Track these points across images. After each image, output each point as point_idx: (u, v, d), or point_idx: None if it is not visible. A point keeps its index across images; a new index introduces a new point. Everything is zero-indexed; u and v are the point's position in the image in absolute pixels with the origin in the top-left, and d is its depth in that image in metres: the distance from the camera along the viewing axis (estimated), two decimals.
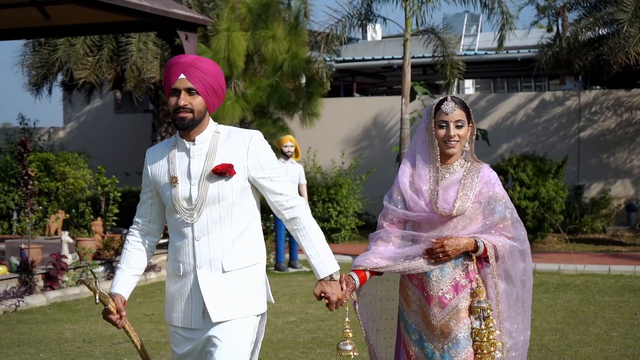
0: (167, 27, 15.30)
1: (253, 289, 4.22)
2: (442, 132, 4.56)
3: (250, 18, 17.03)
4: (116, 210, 14.84)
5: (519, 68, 24.50)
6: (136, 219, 4.42)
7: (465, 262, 4.56)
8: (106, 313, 4.21)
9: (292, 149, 14.38)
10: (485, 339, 4.48)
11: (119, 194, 14.93)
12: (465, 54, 23.34)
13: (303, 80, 18.31)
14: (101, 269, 13.21)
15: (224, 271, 4.15)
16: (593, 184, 20.20)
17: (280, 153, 14.41)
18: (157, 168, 4.28)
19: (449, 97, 4.61)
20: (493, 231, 4.58)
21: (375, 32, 33.31)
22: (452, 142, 4.55)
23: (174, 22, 15.07)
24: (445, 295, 4.54)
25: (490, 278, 4.56)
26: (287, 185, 4.25)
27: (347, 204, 18.93)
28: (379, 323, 4.85)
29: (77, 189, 20.08)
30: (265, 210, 17.43)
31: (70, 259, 12.73)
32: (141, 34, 19.41)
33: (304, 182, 14.56)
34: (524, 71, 24.65)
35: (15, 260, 12.27)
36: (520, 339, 4.62)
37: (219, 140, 4.20)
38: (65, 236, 12.88)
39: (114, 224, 14.93)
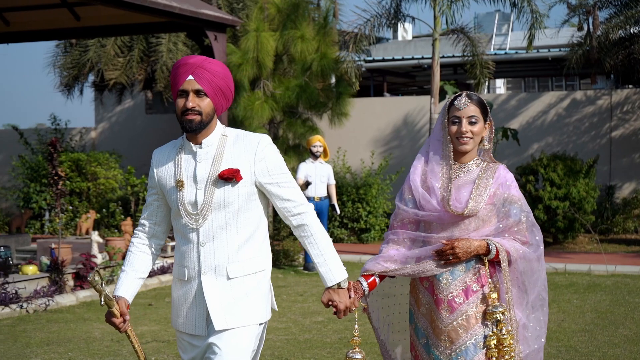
0: (197, 28, 15.36)
1: (258, 296, 4.13)
2: (454, 128, 4.40)
3: (279, 18, 17.04)
4: None
5: (549, 67, 24.36)
6: (142, 220, 4.32)
7: (477, 266, 4.40)
8: (109, 316, 4.15)
9: (321, 149, 14.39)
10: (507, 344, 4.31)
11: None
12: (495, 53, 23.25)
13: (333, 80, 18.30)
14: None
15: (228, 278, 4.06)
16: (625, 183, 20.04)
17: (309, 153, 14.42)
18: (163, 170, 4.18)
19: (463, 93, 4.45)
20: (507, 235, 4.41)
21: (405, 31, 33.26)
22: (465, 139, 4.38)
23: (203, 23, 15.12)
24: (455, 299, 4.38)
25: (502, 283, 4.38)
26: (295, 191, 4.16)
27: (377, 204, 18.91)
28: (390, 318, 4.74)
29: (108, 189, 20.20)
30: None
31: (99, 258, 12.82)
32: (171, 35, 19.51)
33: (332, 182, 14.57)
34: (555, 70, 24.50)
35: (45, 260, 12.37)
36: (534, 348, 4.45)
37: (226, 144, 4.10)
38: (95, 236, 12.97)
39: None
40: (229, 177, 4.01)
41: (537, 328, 4.46)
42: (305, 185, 14.07)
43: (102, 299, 4.08)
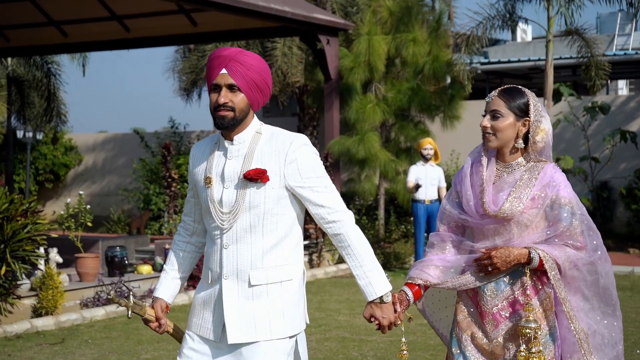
0: (309, 32, 15.57)
1: (282, 308, 3.78)
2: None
3: (391, 21, 17.10)
4: None
5: None
6: (183, 217, 4.11)
7: (523, 277, 4.03)
8: (146, 321, 4.01)
9: (432, 152, 14.35)
10: None
11: None
12: (614, 54, 22.78)
13: (448, 81, 18.23)
14: None
15: (250, 285, 3.76)
16: None
17: (420, 156, 14.43)
18: (197, 166, 3.94)
19: (501, 87, 4.15)
20: (557, 240, 4.01)
21: (525, 33, 32.89)
22: (486, 135, 4.07)
23: (316, 27, 15.32)
24: (501, 312, 4.06)
25: (556, 294, 4.01)
26: (331, 196, 3.79)
27: None
28: (445, 319, 4.44)
29: None
30: (408, 213, 17.47)
31: None
32: (286, 39, 19.78)
33: (443, 184, 14.52)
34: None
35: (160, 260, 12.71)
36: (613, 355, 4.08)
37: (258, 142, 3.81)
38: None
39: None
40: (254, 177, 3.72)
41: (613, 334, 4.08)
42: (416, 188, 14.08)
43: (129, 312, 3.95)
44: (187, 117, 79.38)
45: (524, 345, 3.96)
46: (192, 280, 12.32)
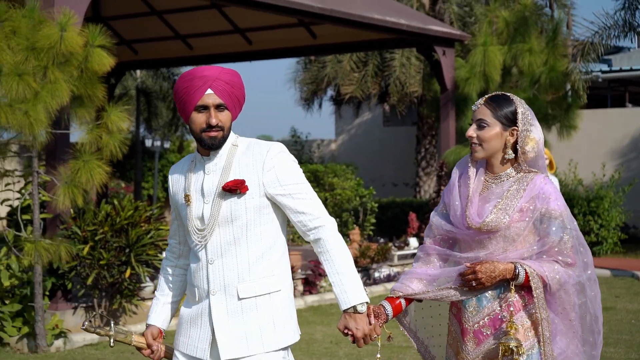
0: (425, 43, 15.81)
1: (272, 319, 3.70)
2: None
3: (507, 32, 17.17)
4: (373, 220, 15.46)
5: None
6: (169, 239, 4.07)
7: (507, 293, 3.80)
8: (138, 348, 3.96)
9: (547, 161, 14.38)
10: None
11: (376, 204, 15.56)
12: None
13: (568, 88, 18.15)
14: None
15: (239, 298, 3.68)
16: None
17: None
18: (176, 186, 3.90)
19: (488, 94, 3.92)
20: (545, 256, 3.78)
21: None
22: (472, 145, 3.83)
23: (432, 39, 15.55)
24: (482, 329, 3.84)
25: (537, 314, 3.76)
26: (311, 203, 3.71)
27: (609, 217, 18.60)
28: (430, 338, 4.21)
29: (344, 199, 20.99)
30: None
31: None
32: (404, 50, 20.03)
33: None
34: None
35: None
36: None
37: (235, 154, 3.75)
38: None
39: (370, 232, 15.56)
40: (233, 188, 3.66)
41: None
42: None
43: (112, 340, 3.91)
44: (309, 126, 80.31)
45: None
46: None
